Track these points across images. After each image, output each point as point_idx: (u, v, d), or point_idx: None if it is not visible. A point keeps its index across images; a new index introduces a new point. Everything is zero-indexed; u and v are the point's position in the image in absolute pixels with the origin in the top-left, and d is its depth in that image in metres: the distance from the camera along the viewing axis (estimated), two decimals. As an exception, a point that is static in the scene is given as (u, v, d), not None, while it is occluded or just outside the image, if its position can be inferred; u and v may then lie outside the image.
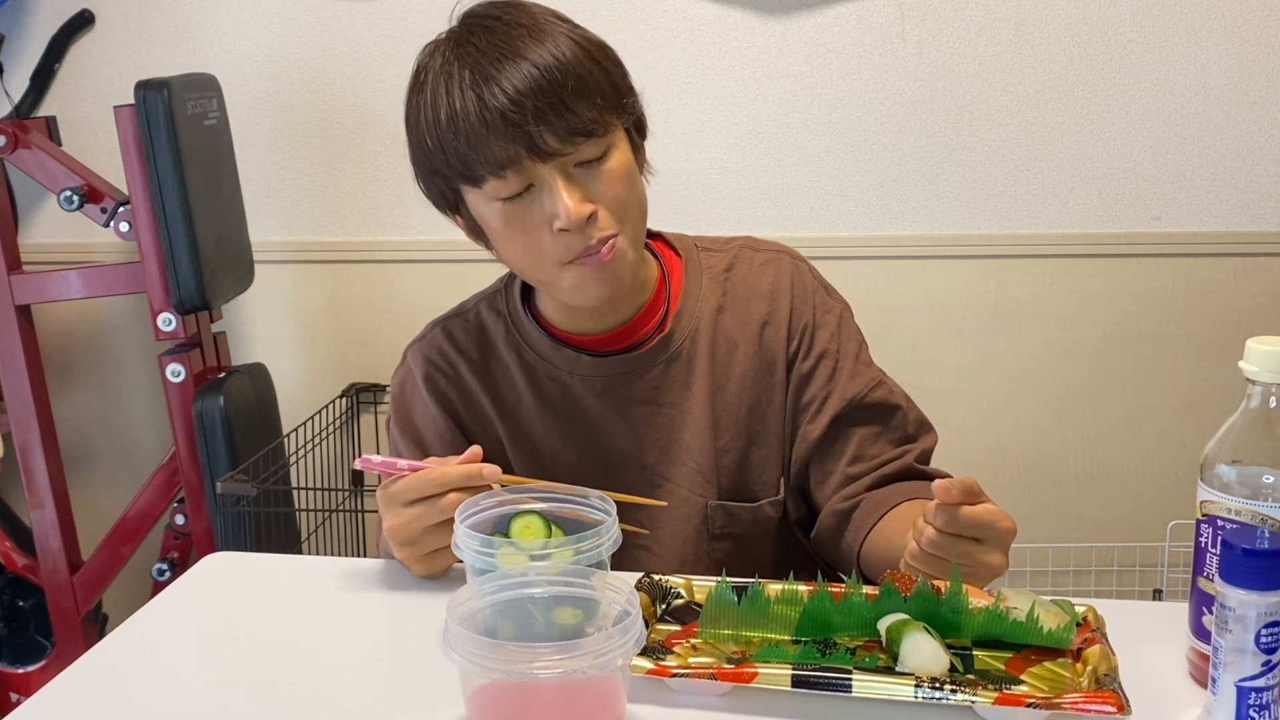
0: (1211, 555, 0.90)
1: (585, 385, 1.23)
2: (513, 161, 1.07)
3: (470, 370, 1.26)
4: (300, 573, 1.21)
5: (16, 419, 2.18)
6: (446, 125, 1.09)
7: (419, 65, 1.15)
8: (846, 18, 2.21)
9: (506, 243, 1.14)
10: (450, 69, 1.10)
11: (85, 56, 2.36)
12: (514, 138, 1.06)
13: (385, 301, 2.39)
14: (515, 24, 1.10)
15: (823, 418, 1.22)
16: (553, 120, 1.06)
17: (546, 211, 1.09)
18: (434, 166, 1.14)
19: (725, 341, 1.24)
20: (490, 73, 1.07)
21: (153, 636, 1.05)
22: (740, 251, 1.29)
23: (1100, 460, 2.35)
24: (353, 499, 2.40)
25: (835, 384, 1.23)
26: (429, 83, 1.12)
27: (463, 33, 1.12)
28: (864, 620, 0.97)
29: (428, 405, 1.26)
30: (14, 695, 2.35)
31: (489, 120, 1.06)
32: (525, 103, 1.06)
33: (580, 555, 0.92)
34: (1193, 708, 0.87)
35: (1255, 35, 2.19)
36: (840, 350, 1.24)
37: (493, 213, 1.12)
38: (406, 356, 1.30)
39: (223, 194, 2.17)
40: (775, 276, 1.26)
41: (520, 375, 1.25)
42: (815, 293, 1.26)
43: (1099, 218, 2.27)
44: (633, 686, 0.86)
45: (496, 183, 1.09)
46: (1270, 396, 0.88)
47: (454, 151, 1.10)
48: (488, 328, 1.27)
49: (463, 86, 1.08)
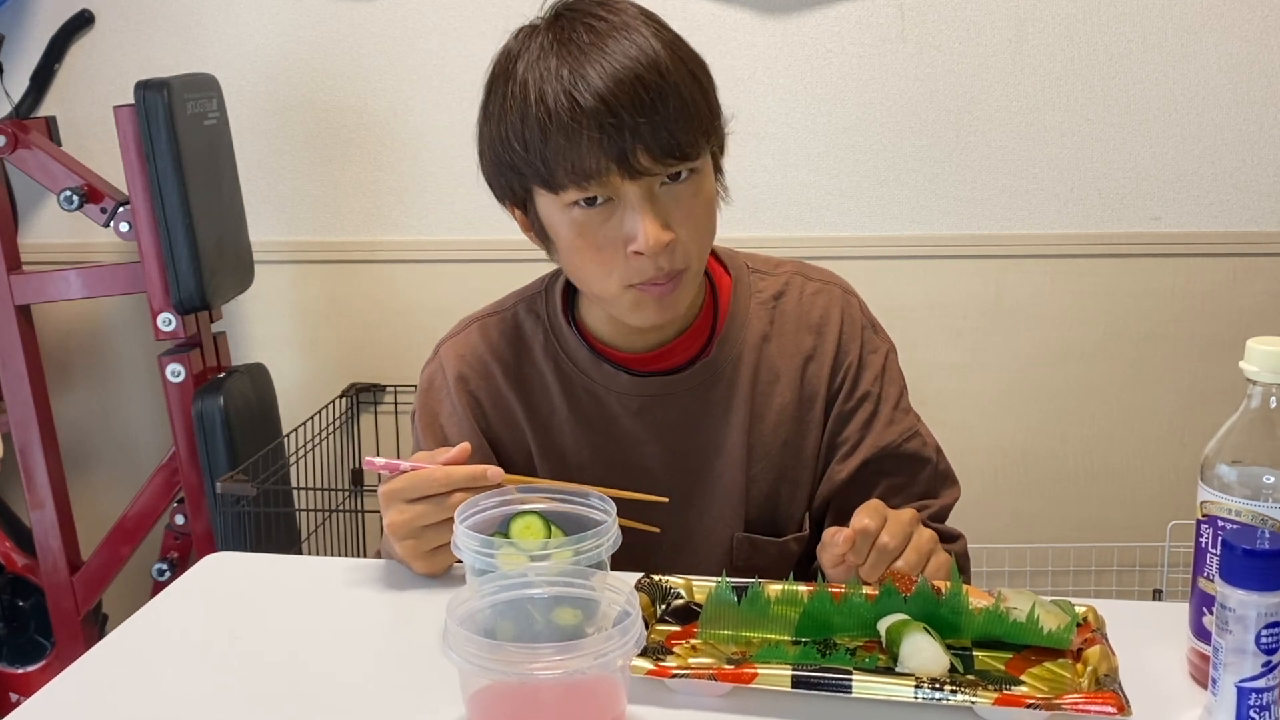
0: (1212, 555, 0.90)
1: (621, 403, 1.20)
2: (600, 174, 1.02)
3: (504, 374, 1.22)
4: (300, 573, 1.21)
5: (16, 419, 2.18)
6: (535, 123, 1.03)
7: (508, 50, 1.08)
8: (846, 18, 2.21)
9: (573, 253, 1.10)
10: (547, 63, 1.03)
11: (85, 56, 2.35)
12: (606, 150, 1.01)
13: (385, 301, 2.39)
14: (622, 26, 1.04)
15: (853, 460, 1.21)
16: (649, 138, 1.02)
17: (624, 230, 1.05)
18: (509, 161, 1.08)
19: (768, 372, 1.21)
20: (590, 76, 1.01)
21: (153, 636, 1.05)
22: (791, 278, 1.25)
23: (1100, 460, 2.35)
24: (353, 499, 2.40)
25: (871, 429, 1.21)
26: (519, 72, 1.05)
27: (563, 24, 1.06)
28: (864, 621, 0.97)
29: (455, 405, 1.22)
30: (14, 695, 2.35)
31: (583, 127, 1.01)
32: (623, 115, 1.01)
33: (580, 555, 0.92)
34: (1193, 708, 0.87)
35: (1255, 35, 2.19)
36: (882, 394, 1.22)
37: (565, 221, 1.08)
38: (439, 352, 1.25)
39: (223, 194, 2.17)
40: (825, 309, 1.23)
41: (556, 385, 1.21)
42: (864, 330, 1.24)
43: (1099, 218, 2.27)
44: (633, 687, 0.86)
45: (576, 192, 1.05)
46: (1270, 396, 0.88)
47: (537, 151, 1.04)
48: (525, 331, 1.23)
49: (558, 85, 1.02)
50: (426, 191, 2.35)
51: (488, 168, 1.12)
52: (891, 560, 1.02)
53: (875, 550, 1.01)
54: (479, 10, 2.27)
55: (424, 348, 1.28)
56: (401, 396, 2.40)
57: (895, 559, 1.02)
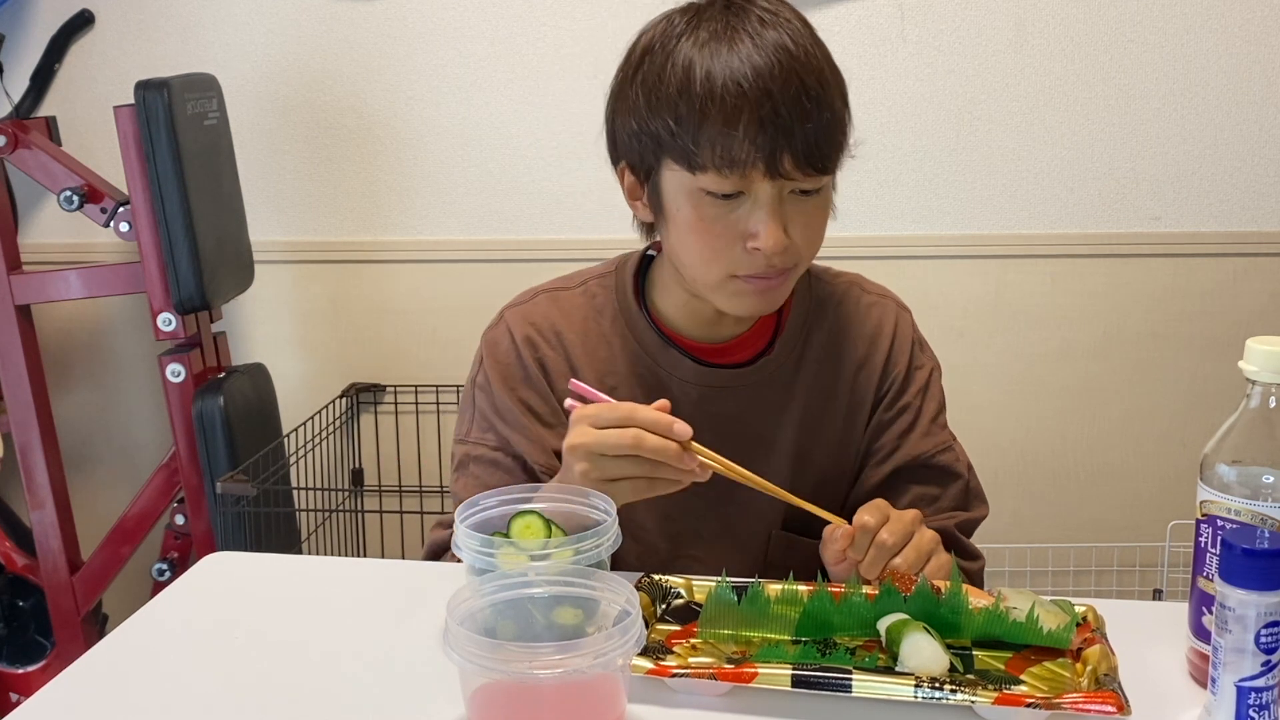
0: (1211, 555, 0.90)
1: (681, 389, 1.20)
2: (745, 166, 1.03)
3: (573, 344, 1.22)
4: (300, 573, 1.21)
5: (16, 419, 2.18)
6: (696, 101, 1.03)
7: (671, 23, 1.09)
8: (846, 18, 2.21)
9: (688, 234, 1.10)
10: (717, 47, 1.04)
11: (85, 56, 2.36)
12: (758, 145, 1.02)
13: (385, 301, 2.40)
14: (790, 29, 1.06)
15: (885, 467, 1.23)
16: (799, 143, 1.03)
17: (747, 225, 1.07)
18: (653, 132, 1.07)
19: (823, 376, 1.23)
20: (760, 68, 1.02)
21: (153, 636, 1.05)
22: (850, 289, 1.28)
23: (1100, 460, 2.35)
24: (353, 499, 2.40)
25: (906, 439, 1.23)
26: (684, 48, 1.05)
27: (736, 11, 1.07)
28: (864, 620, 0.97)
29: (516, 366, 1.21)
30: (14, 695, 2.35)
31: (742, 115, 1.02)
32: (781, 117, 1.02)
33: (580, 555, 0.92)
34: (1193, 708, 0.87)
35: (1255, 35, 2.19)
36: (921, 408, 1.25)
37: (689, 201, 1.08)
38: (504, 316, 1.24)
39: (223, 194, 2.17)
40: (879, 321, 1.26)
41: (622, 362, 1.22)
42: (913, 346, 1.27)
43: (1099, 218, 2.27)
44: (633, 686, 0.87)
45: (715, 179, 1.05)
46: (1270, 396, 0.88)
47: (689, 129, 1.04)
48: (596, 306, 1.24)
49: (726, 71, 1.03)
50: (426, 191, 2.35)
51: (622, 131, 1.12)
52: (890, 556, 1.03)
53: (874, 546, 1.02)
54: (479, 10, 2.27)
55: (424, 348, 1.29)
56: (401, 396, 2.40)
57: (894, 555, 1.03)
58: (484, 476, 1.19)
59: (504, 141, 2.32)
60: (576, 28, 2.27)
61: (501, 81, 2.30)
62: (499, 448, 1.20)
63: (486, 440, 1.21)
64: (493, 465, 1.20)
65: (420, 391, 2.38)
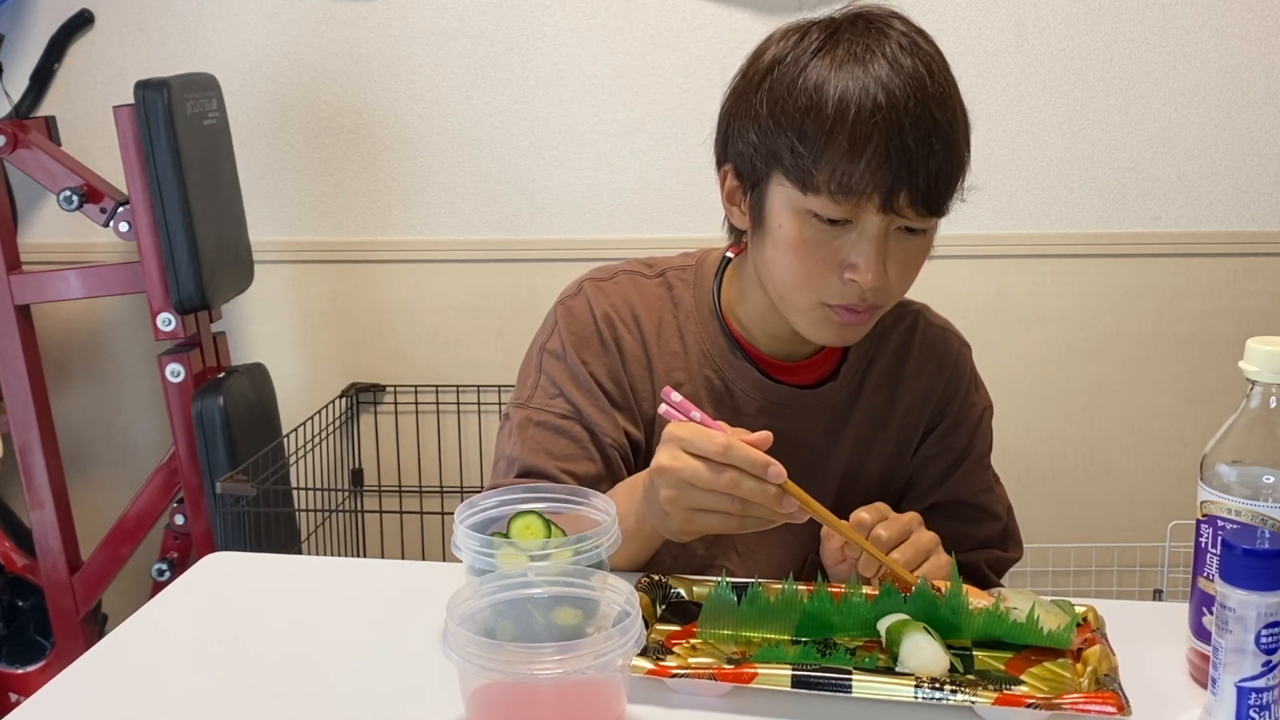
0: (1211, 555, 0.90)
1: (744, 399, 1.20)
2: (858, 195, 1.01)
3: (649, 330, 1.20)
4: (300, 573, 1.21)
5: (16, 419, 2.18)
6: (824, 121, 1.00)
7: (809, 30, 1.06)
8: (846, 18, 2.21)
9: (786, 252, 1.07)
10: (854, 69, 1.01)
11: (85, 56, 2.35)
12: (878, 178, 1.00)
13: (385, 301, 2.39)
14: (929, 61, 1.03)
15: (924, 501, 1.23)
16: (919, 181, 1.01)
17: (849, 255, 1.05)
18: (771, 143, 1.05)
19: (880, 404, 1.23)
20: (895, 101, 1.00)
21: (152, 636, 1.05)
22: (915, 319, 1.27)
23: (1100, 460, 2.35)
24: (352, 499, 2.40)
25: (950, 478, 1.24)
26: (816, 66, 1.03)
27: (875, 35, 1.03)
28: (864, 620, 0.97)
29: (594, 339, 1.19)
30: (14, 695, 2.35)
31: (869, 149, 1.00)
32: (908, 151, 1.00)
33: (580, 555, 0.91)
34: (1193, 708, 0.87)
35: (1255, 35, 2.19)
36: (968, 448, 1.25)
37: (794, 220, 1.06)
38: (584, 288, 1.22)
39: (222, 194, 2.17)
40: (941, 355, 1.26)
41: (692, 358, 1.20)
42: (968, 384, 1.27)
43: (1099, 218, 2.27)
44: (633, 686, 0.86)
45: (827, 201, 1.02)
46: (1270, 396, 0.88)
47: (813, 148, 1.01)
48: (674, 297, 1.22)
49: (860, 96, 1.00)
50: (426, 191, 2.35)
51: (737, 137, 1.10)
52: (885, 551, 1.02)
53: (870, 541, 1.02)
54: (479, 10, 2.27)
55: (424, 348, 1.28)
56: (401, 396, 2.40)
57: (890, 550, 1.03)
58: (546, 443, 1.17)
59: (504, 141, 2.32)
60: (576, 28, 2.27)
61: (501, 81, 2.30)
62: (569, 415, 1.17)
63: (554, 406, 1.18)
64: (557, 432, 1.17)
65: (420, 391, 2.38)
